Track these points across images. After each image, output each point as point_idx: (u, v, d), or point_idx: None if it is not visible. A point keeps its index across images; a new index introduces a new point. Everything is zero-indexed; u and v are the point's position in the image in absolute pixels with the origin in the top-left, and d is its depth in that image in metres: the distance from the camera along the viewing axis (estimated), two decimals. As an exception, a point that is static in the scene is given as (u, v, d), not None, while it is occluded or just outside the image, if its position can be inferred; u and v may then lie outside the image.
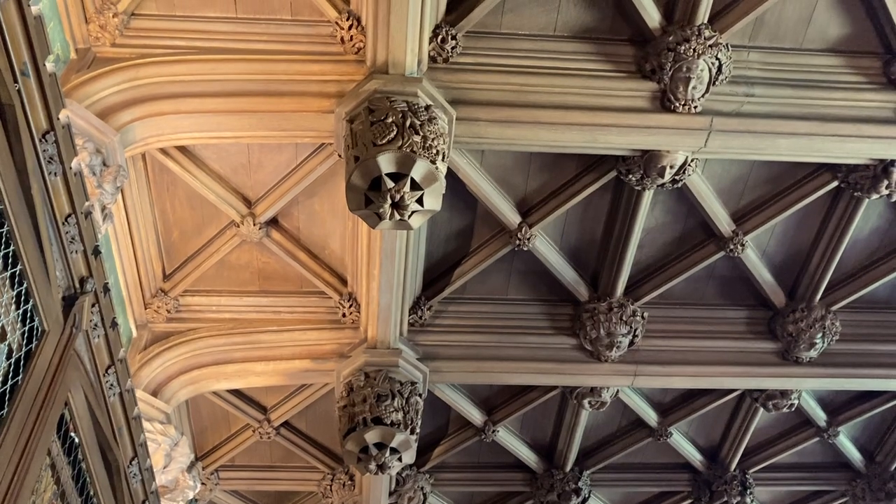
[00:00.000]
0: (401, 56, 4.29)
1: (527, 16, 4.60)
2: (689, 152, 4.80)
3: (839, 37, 4.75)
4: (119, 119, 4.25)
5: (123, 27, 4.41)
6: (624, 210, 5.34)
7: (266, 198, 5.28)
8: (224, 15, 4.50)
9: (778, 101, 4.71)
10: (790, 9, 4.65)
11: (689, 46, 4.48)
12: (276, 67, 4.46)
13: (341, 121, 4.39)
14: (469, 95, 4.57)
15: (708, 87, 4.61)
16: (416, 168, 4.06)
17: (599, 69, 4.67)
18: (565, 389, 6.44)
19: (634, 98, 4.65)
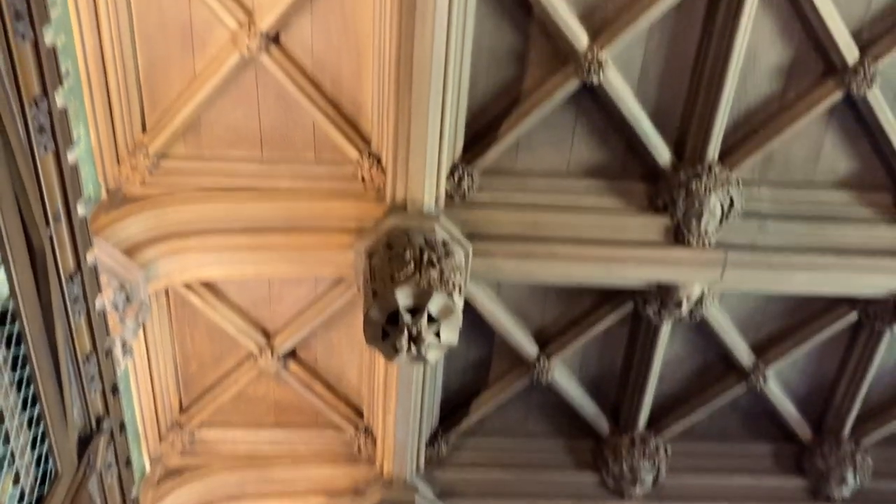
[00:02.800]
0: (419, 194, 4.42)
1: (540, 155, 4.76)
2: (705, 285, 4.82)
3: (848, 172, 4.85)
4: (144, 255, 4.36)
5: (153, 167, 4.60)
6: (643, 342, 5.31)
7: (285, 330, 5.32)
8: (250, 155, 4.69)
9: (792, 234, 4.77)
10: (798, 146, 4.78)
11: (700, 183, 4.59)
12: (299, 205, 4.60)
13: (360, 256, 4.48)
14: (485, 230, 4.67)
15: (721, 221, 4.68)
16: (433, 302, 4.09)
17: (612, 205, 4.77)
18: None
19: (648, 232, 4.73)
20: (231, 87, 4.48)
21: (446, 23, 3.97)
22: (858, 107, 4.58)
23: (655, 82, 4.55)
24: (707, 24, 4.35)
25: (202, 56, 4.41)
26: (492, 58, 4.46)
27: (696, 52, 4.45)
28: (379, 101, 4.46)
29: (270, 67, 4.38)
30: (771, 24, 4.35)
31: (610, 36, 4.32)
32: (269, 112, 4.59)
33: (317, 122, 4.59)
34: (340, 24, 4.33)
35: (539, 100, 4.52)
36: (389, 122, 4.36)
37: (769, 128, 4.67)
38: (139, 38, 4.31)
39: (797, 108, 4.61)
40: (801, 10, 4.28)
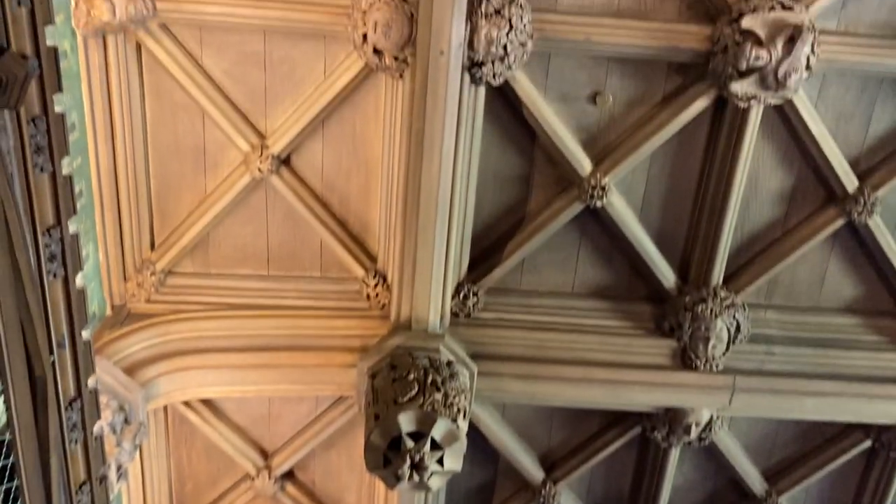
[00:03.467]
0: (424, 313, 4.41)
1: (546, 275, 4.77)
2: (713, 410, 4.73)
3: (854, 297, 4.85)
4: (145, 374, 4.31)
5: (160, 284, 4.61)
6: (651, 467, 5.17)
7: (283, 450, 5.19)
8: (257, 273, 4.71)
9: (800, 359, 4.72)
10: (802, 271, 4.79)
11: (706, 307, 4.58)
12: (303, 323, 4.59)
13: (363, 375, 4.42)
14: (491, 350, 4.63)
15: (728, 345, 4.64)
16: (437, 427, 4.01)
17: (619, 326, 4.75)
18: None
19: (655, 355, 4.69)
20: (241, 207, 4.55)
21: (453, 151, 4.09)
22: (861, 233, 4.63)
23: (658, 206, 4.62)
24: (708, 150, 4.45)
25: (214, 176, 4.50)
26: (497, 181, 4.55)
27: (699, 178, 4.54)
28: (386, 220, 4.52)
29: (280, 188, 4.46)
30: (771, 151, 4.45)
31: (613, 162, 4.41)
32: (277, 230, 4.64)
33: (324, 241, 4.63)
34: (350, 148, 4.44)
35: (544, 222, 4.58)
36: (396, 242, 4.40)
37: (773, 252, 4.71)
38: (153, 159, 4.42)
39: (800, 234, 4.65)
40: (799, 139, 4.39)
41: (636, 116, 4.38)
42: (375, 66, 4.05)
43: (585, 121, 4.39)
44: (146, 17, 3.97)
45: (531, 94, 4.23)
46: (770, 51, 3.91)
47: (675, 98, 4.30)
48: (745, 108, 4.16)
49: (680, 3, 4.09)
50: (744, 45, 3.92)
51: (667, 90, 4.31)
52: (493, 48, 3.88)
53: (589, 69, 4.25)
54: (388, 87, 4.19)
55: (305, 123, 4.32)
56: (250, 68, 4.25)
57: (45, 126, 2.45)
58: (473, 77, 3.99)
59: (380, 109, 4.29)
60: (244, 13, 4.02)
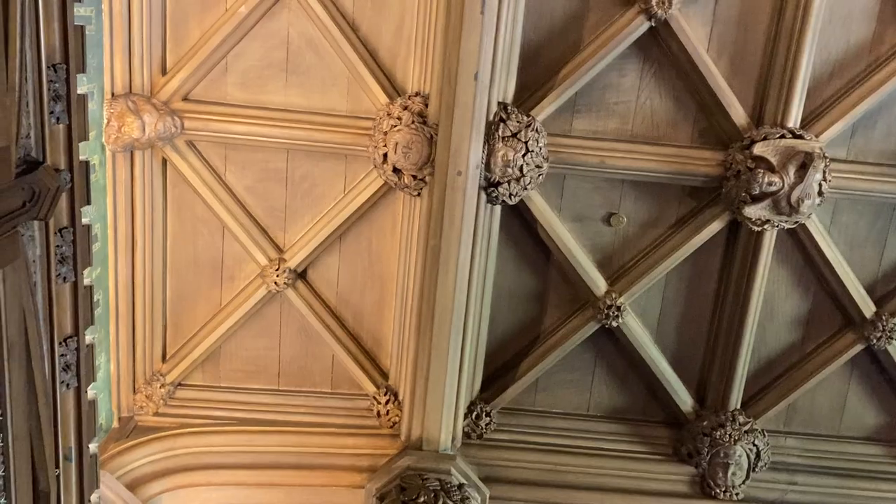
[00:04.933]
0: (435, 433, 4.32)
1: (560, 395, 4.70)
2: (735, 543, 4.54)
3: (876, 426, 4.73)
4: (148, 490, 4.19)
5: (168, 397, 4.55)
6: None
7: (285, 575, 4.96)
8: (266, 387, 4.65)
9: (823, 490, 4.56)
10: (822, 397, 4.70)
11: (724, 432, 4.47)
12: (311, 440, 4.49)
13: (371, 498, 4.28)
14: (503, 473, 4.50)
15: (748, 473, 4.50)
16: (447, 555, 3.85)
17: (635, 451, 4.63)
18: None
19: (674, 483, 4.54)
20: (254, 320, 4.55)
21: (468, 268, 4.11)
22: (880, 359, 4.56)
23: (674, 327, 4.59)
24: (723, 273, 4.46)
25: (230, 289, 4.52)
26: (512, 299, 4.55)
27: (714, 300, 4.53)
28: (399, 336, 4.50)
29: (295, 301, 4.47)
30: (786, 275, 4.46)
31: (628, 283, 4.42)
32: (289, 344, 4.62)
33: (336, 356, 4.60)
34: (366, 263, 4.47)
35: (558, 341, 4.54)
36: (408, 359, 4.36)
37: (791, 378, 4.63)
38: (171, 271, 4.46)
39: (818, 359, 4.59)
40: (814, 264, 4.40)
41: (651, 238, 4.42)
42: (394, 184, 4.14)
43: (600, 241, 4.43)
44: (174, 134, 4.11)
45: (546, 214, 4.29)
46: (783, 177, 3.99)
47: (689, 221, 4.35)
48: (759, 231, 4.20)
49: (692, 129, 4.21)
50: (756, 171, 4.00)
51: (681, 213, 4.37)
52: (510, 169, 3.97)
53: (603, 191, 4.33)
54: (405, 205, 4.27)
55: (323, 238, 4.38)
56: (272, 185, 4.35)
57: (72, 237, 2.49)
58: (490, 196, 4.06)
59: (396, 226, 4.36)
60: (269, 133, 4.16)
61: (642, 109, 4.19)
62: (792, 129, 4.06)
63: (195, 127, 4.14)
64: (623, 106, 4.18)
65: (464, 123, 3.83)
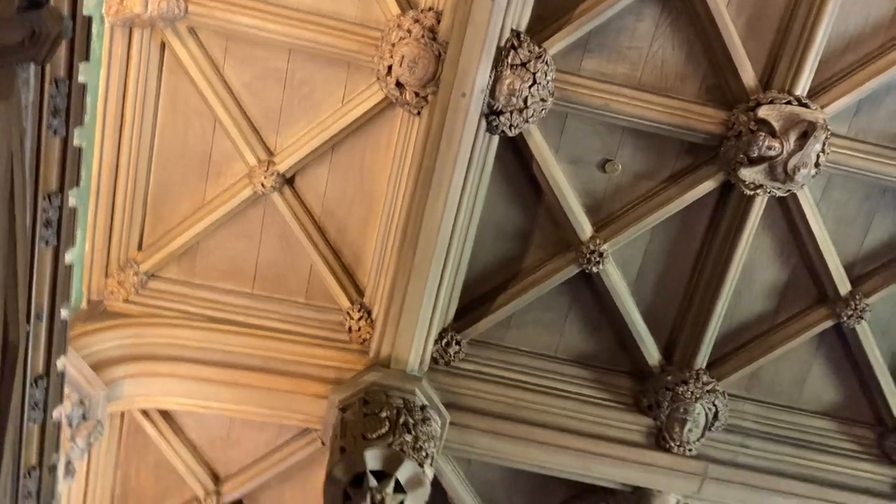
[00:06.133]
0: (405, 353, 4.33)
1: (531, 334, 4.72)
2: (681, 496, 4.64)
3: (833, 402, 4.84)
4: (112, 373, 4.17)
5: (140, 286, 4.50)
6: (608, 546, 5.03)
7: (237, 476, 5.01)
8: (240, 289, 4.62)
9: (774, 456, 4.67)
10: (785, 368, 4.78)
11: (686, 389, 4.54)
12: (280, 346, 4.49)
13: (333, 408, 4.31)
14: (465, 402, 4.55)
15: (704, 431, 4.59)
16: (403, 469, 3.89)
17: (597, 397, 4.69)
18: None
19: (630, 431, 4.62)
20: (236, 220, 4.49)
21: (459, 194, 4.08)
22: (847, 338, 4.64)
23: (652, 282, 4.62)
24: (708, 234, 4.47)
25: (215, 185, 4.45)
26: (497, 233, 4.54)
27: (695, 259, 4.55)
28: (380, 256, 4.47)
29: (280, 207, 4.42)
30: (770, 244, 4.49)
31: (613, 231, 4.43)
32: (268, 249, 4.58)
33: (314, 267, 4.57)
34: (357, 178, 4.42)
35: (537, 280, 4.55)
36: (387, 279, 4.35)
37: (759, 345, 4.70)
38: (157, 159, 4.36)
39: (788, 331, 4.66)
40: (798, 235, 4.44)
41: (642, 189, 4.41)
42: (395, 99, 4.07)
43: (592, 186, 4.41)
44: (176, 16, 3.98)
45: (543, 151, 4.26)
46: (783, 143, 3.99)
47: (683, 177, 4.34)
48: (750, 196, 4.21)
49: (700, 85, 4.18)
50: (757, 134, 3.99)
51: (676, 168, 4.36)
52: (514, 99, 3.92)
53: (603, 136, 4.30)
54: (403, 123, 4.21)
55: (315, 147, 4.31)
56: (270, 84, 4.25)
57: (67, 90, 2.41)
58: (490, 124, 4.01)
59: (392, 144, 4.30)
60: (274, 29, 4.05)
61: (653, 58, 4.14)
62: (799, 97, 4.04)
63: (199, 12, 4.01)
64: (635, 52, 4.13)
65: (474, 44, 3.75)
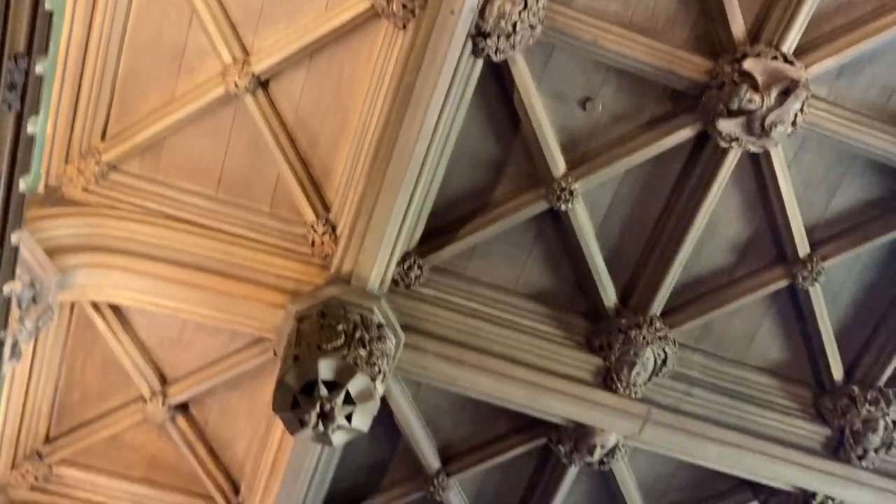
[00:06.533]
0: (366, 272, 4.31)
1: (493, 266, 4.73)
2: (622, 436, 4.76)
3: (777, 360, 4.97)
4: (66, 261, 4.08)
5: (101, 177, 4.38)
6: (546, 481, 5.16)
7: (184, 380, 4.98)
8: (204, 191, 4.52)
9: (714, 406, 4.80)
10: (737, 323, 4.88)
11: (639, 333, 4.62)
12: (240, 252, 4.43)
13: (290, 318, 4.28)
14: (422, 325, 4.56)
15: (651, 375, 4.69)
16: (355, 381, 3.91)
17: (551, 333, 4.74)
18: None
19: (579, 369, 4.69)
20: (206, 119, 4.37)
21: (437, 115, 4.01)
22: (799, 300, 4.74)
23: (618, 226, 4.64)
24: (679, 183, 4.50)
25: (186, 81, 4.31)
26: (470, 161, 4.50)
27: (663, 208, 4.58)
28: (350, 172, 4.41)
29: (252, 110, 4.31)
30: (737, 199, 4.53)
31: (586, 170, 4.42)
32: (236, 153, 4.48)
33: (282, 176, 4.48)
34: (334, 89, 4.32)
35: (505, 213, 4.54)
36: (355, 195, 4.30)
37: (714, 298, 4.78)
38: (128, 46, 4.20)
39: (743, 287, 4.74)
40: (766, 194, 4.48)
41: (620, 132, 4.40)
42: (381, 10, 3.96)
43: (571, 123, 4.39)
44: None
45: (526, 82, 4.20)
46: (764, 97, 3.99)
47: (661, 123, 4.34)
48: (724, 148, 4.23)
49: (689, 31, 4.15)
50: (740, 86, 3.99)
51: (655, 113, 4.35)
52: (503, 23, 3.84)
53: (587, 73, 4.26)
54: (386, 36, 4.10)
55: (294, 51, 4.19)
56: (253, -20, 4.11)
57: (42, -53, 2.29)
58: (476, 46, 3.93)
59: (373, 57, 4.19)
60: (263, -78, 3.90)
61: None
62: (785, 53, 4.04)
63: None
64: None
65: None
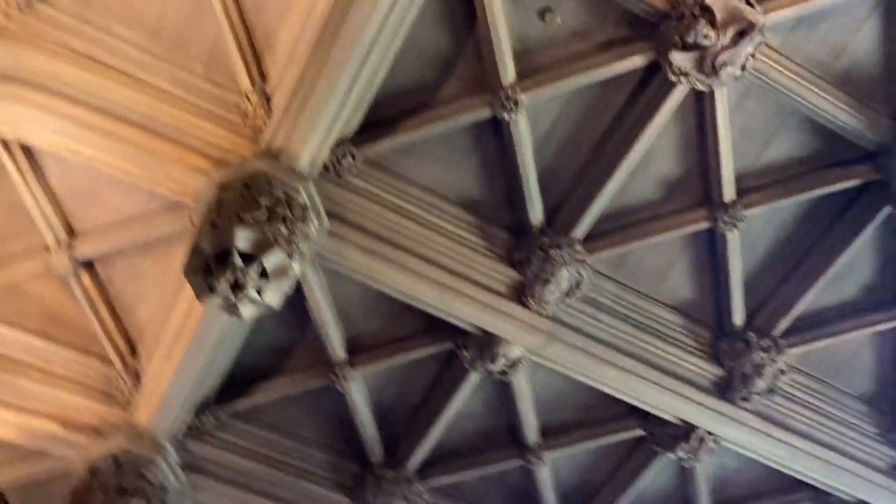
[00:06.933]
0: (297, 150, 4.19)
1: (427, 167, 4.68)
2: (526, 350, 4.87)
3: (685, 299, 5.15)
4: (-19, 87, 3.83)
5: (25, 5, 4.08)
6: (447, 385, 5.26)
7: (94, 235, 4.82)
8: (137, 39, 4.28)
9: (619, 334, 4.95)
10: (653, 258, 5.01)
11: (559, 253, 4.68)
12: (168, 109, 4.24)
13: (213, 185, 4.15)
14: (347, 215, 4.50)
15: (563, 296, 4.79)
16: (272, 256, 3.84)
17: (474, 241, 4.77)
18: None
19: (496, 280, 4.75)
20: (149, -39, 4.11)
21: (390, 3, 3.86)
22: (716, 243, 4.88)
23: (556, 145, 4.64)
24: (622, 112, 4.51)
25: (132, -85, 4.03)
26: (420, 55, 4.38)
27: (602, 134, 4.60)
28: (294, 45, 4.22)
29: (199, -40, 4.07)
30: (675, 135, 4.58)
31: (535, 83, 4.37)
32: (176, 4, 4.23)
33: (222, 38, 4.27)
34: (289, -48, 4.11)
35: (447, 114, 4.48)
36: (296, 69, 4.13)
37: (635, 231, 4.88)
38: None
39: (665, 223, 4.85)
40: (704, 134, 4.54)
41: (575, 48, 4.35)
42: None
43: (527, 31, 4.30)
44: None
45: (489, -21, 4.09)
46: (719, 35, 4.00)
47: (617, 46, 4.30)
48: (673, 82, 4.24)
49: (658, -44, 4.09)
50: (699, 20, 3.98)
51: (612, 35, 4.31)
52: (475, -90, 3.70)
53: (552, -17, 4.17)
54: None
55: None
56: None
57: None
58: (440, -68, 3.79)
59: (333, -73, 3.99)
60: None
61: (622, -82, 4.00)
62: (748, -6, 4.04)
63: None
64: None
65: None
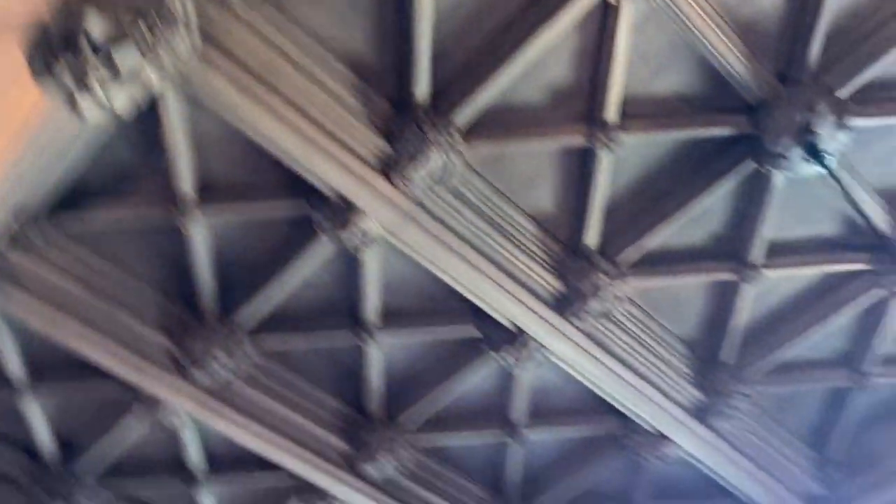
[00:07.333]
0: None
1: (320, 14, 4.36)
2: (383, 227, 4.77)
3: (547, 213, 5.19)
4: None
5: None
6: (296, 248, 5.06)
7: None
8: None
9: (475, 231, 4.94)
10: (525, 166, 4.99)
11: (436, 135, 4.55)
12: None
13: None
14: (224, 43, 4.15)
15: (430, 181, 4.69)
16: (125, 53, 3.48)
17: (351, 103, 4.55)
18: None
19: (365, 148, 4.57)
20: None
21: None
22: (588, 162, 4.91)
23: (459, 21, 4.36)
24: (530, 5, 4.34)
25: None
26: None
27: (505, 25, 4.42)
28: None
29: None
30: (576, 42, 4.47)
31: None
32: None
33: None
34: None
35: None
36: None
37: (514, 133, 4.81)
38: None
39: (544, 130, 4.82)
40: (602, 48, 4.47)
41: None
42: None
43: None
44: None
45: None
46: (639, -56, 3.92)
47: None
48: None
49: None
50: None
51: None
52: None
53: None
54: None
55: None
56: None
57: None
58: None
59: None
60: None
61: None
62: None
63: None
64: None
65: None
